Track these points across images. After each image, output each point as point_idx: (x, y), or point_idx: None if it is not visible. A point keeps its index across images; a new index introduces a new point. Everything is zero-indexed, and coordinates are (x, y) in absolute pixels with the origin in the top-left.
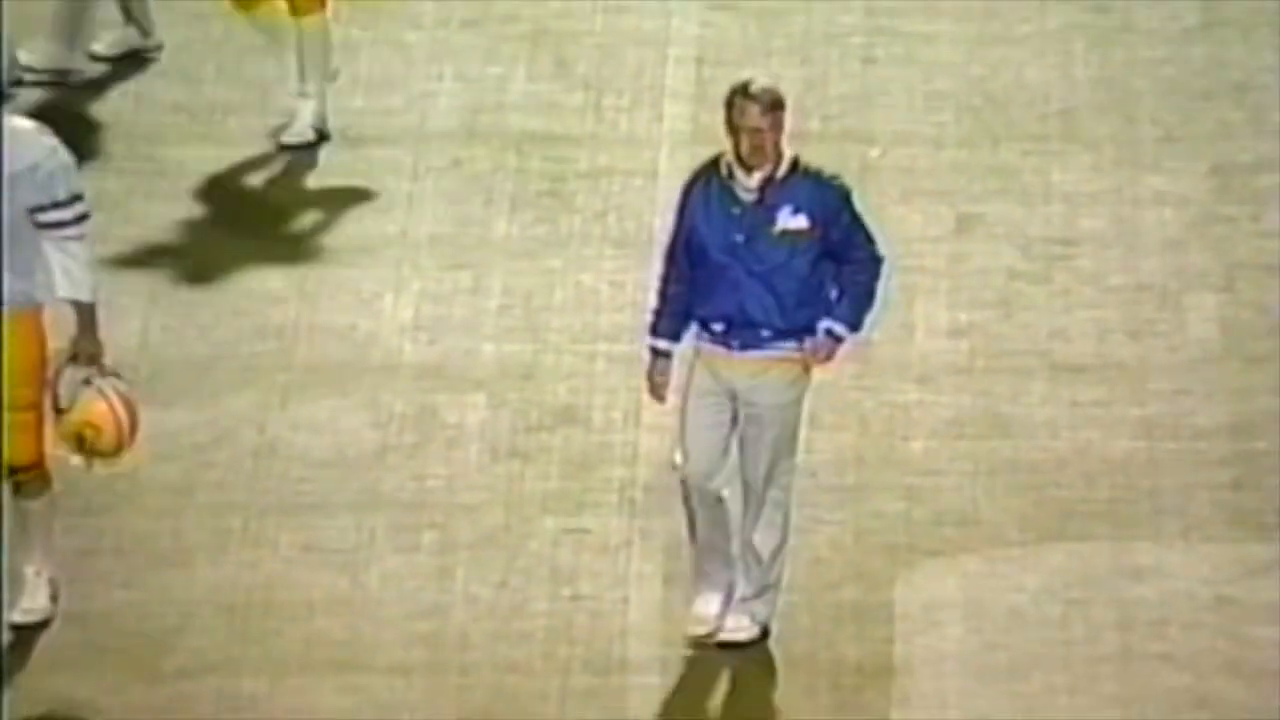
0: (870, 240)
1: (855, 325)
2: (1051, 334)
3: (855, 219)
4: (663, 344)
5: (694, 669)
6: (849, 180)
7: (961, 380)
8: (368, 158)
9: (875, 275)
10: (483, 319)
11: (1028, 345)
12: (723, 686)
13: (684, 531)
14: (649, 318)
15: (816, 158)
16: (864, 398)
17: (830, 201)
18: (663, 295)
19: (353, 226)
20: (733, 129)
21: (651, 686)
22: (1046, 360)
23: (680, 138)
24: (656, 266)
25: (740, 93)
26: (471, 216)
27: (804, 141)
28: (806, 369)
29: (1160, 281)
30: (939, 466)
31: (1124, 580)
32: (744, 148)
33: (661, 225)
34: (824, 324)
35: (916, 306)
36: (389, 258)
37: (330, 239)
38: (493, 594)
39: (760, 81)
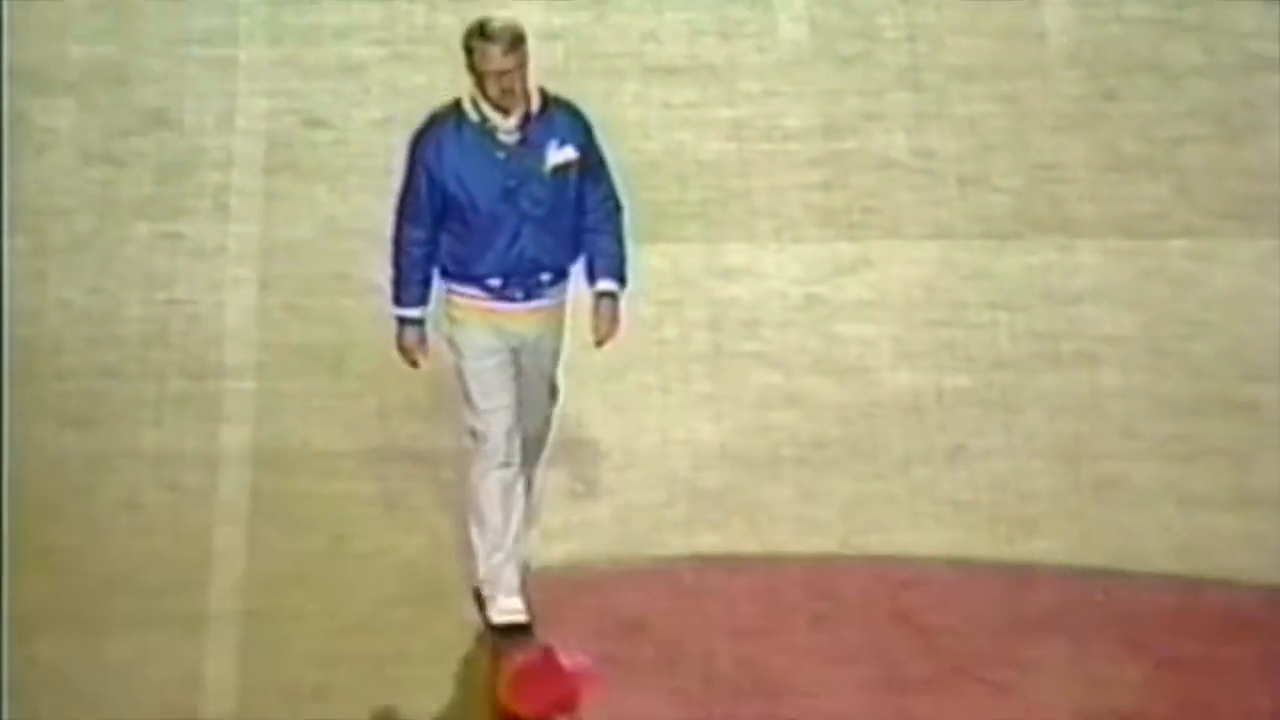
0: (609, 177)
1: (623, 279)
2: (643, 36)
3: (599, 151)
4: (414, 312)
5: (287, 372)
6: None
7: (555, 83)
8: None
9: (620, 219)
10: (71, 20)
11: (620, 47)
12: (319, 386)
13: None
14: (388, 284)
15: None
16: None
17: (585, 128)
18: (406, 261)
19: None
20: (476, 73)
21: (247, 391)
22: (639, 62)
23: None
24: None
25: (478, 35)
26: None
27: None
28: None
29: None
30: None
31: (716, 280)
32: (493, 91)
33: None
34: (596, 286)
35: (509, 9)
36: None
37: None
38: (86, 299)
39: (497, 19)
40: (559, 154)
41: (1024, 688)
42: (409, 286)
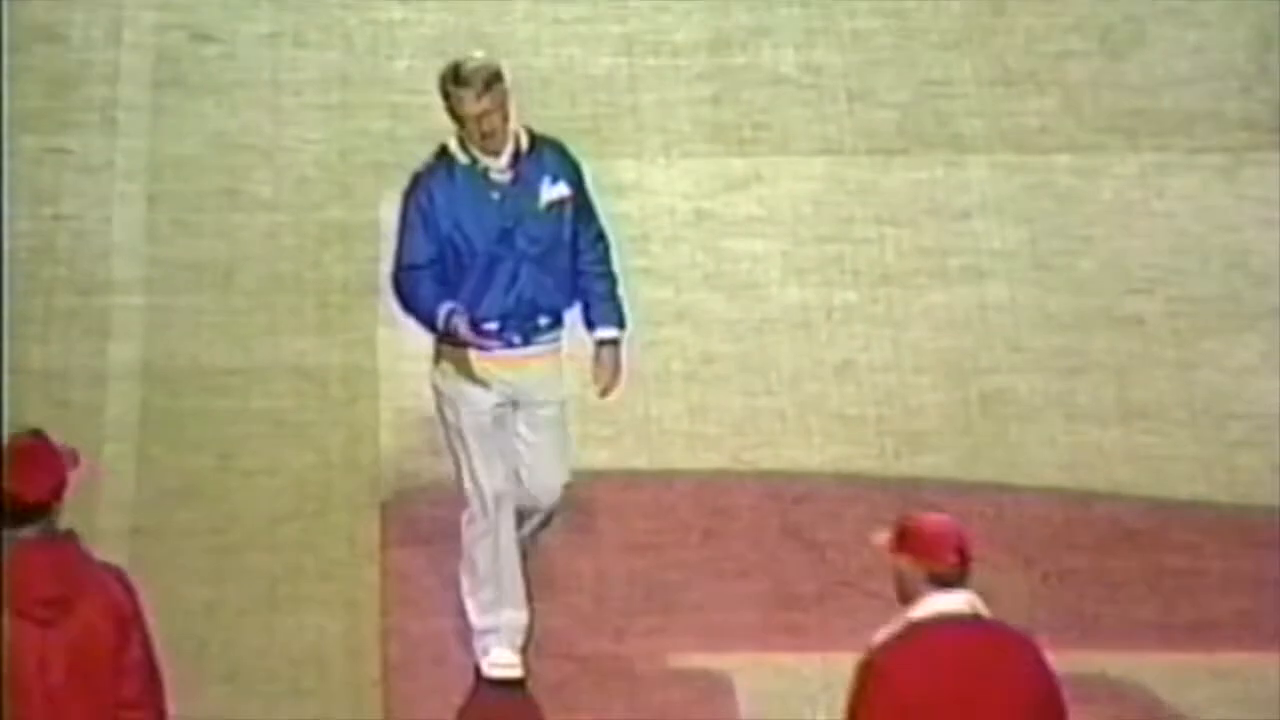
0: (599, 217)
1: (622, 323)
2: None
3: (587, 192)
4: (449, 303)
5: (175, 288)
6: None
7: (445, 3)
8: None
9: (610, 260)
10: None
11: None
12: (208, 302)
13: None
14: (411, 325)
15: None
16: (348, 15)
17: (573, 166)
18: (420, 290)
19: None
20: (456, 118)
21: (135, 307)
22: None
23: None
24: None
25: (451, 80)
26: None
27: None
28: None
29: None
30: (424, 85)
31: (606, 196)
32: (475, 135)
33: None
34: (597, 335)
35: None
36: None
37: None
38: None
39: (470, 60)
40: (552, 190)
41: None
42: (429, 299)
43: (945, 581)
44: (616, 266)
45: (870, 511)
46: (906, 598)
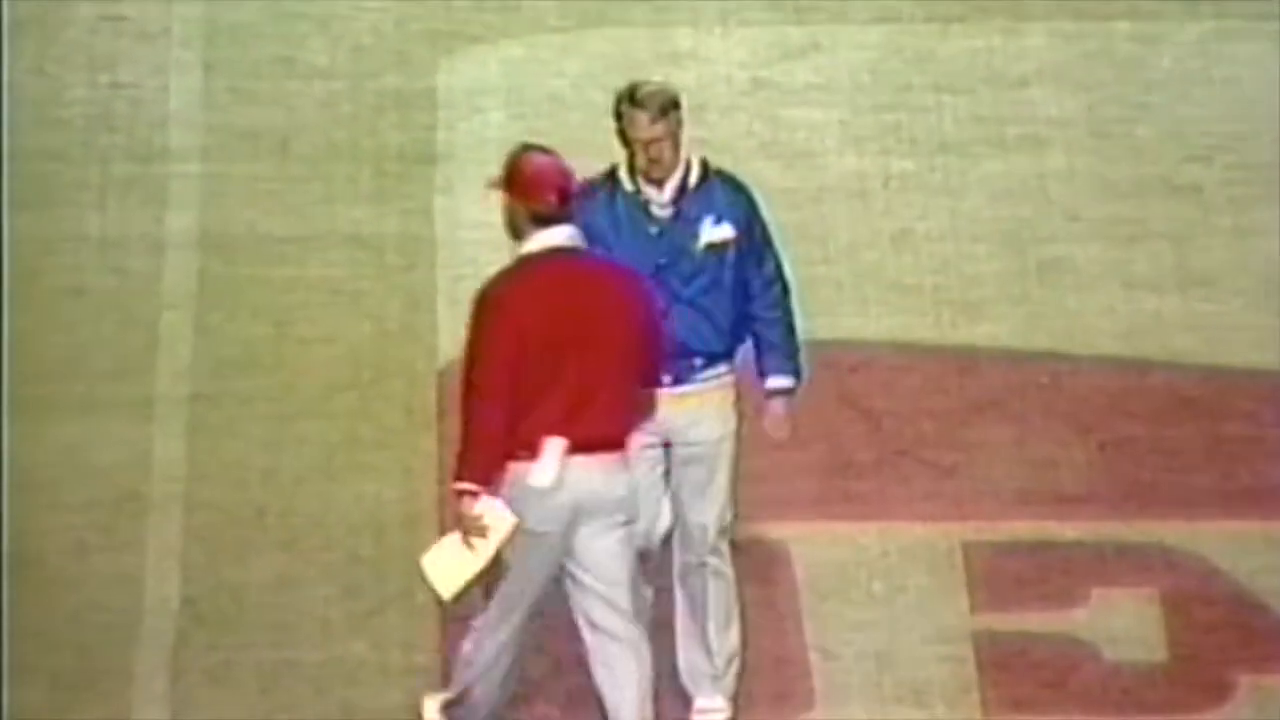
0: (776, 257)
1: (798, 371)
2: None
3: (765, 230)
4: None
5: (232, 156)
6: None
7: None
8: None
9: (788, 303)
10: None
11: None
12: (265, 170)
13: None
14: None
15: None
16: None
17: (747, 205)
18: None
19: None
20: (625, 141)
21: (192, 175)
22: None
23: None
24: None
25: (627, 100)
26: None
27: None
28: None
29: None
30: None
31: (664, 65)
32: (640, 161)
33: None
34: (768, 384)
35: None
36: None
37: None
38: (30, 81)
39: (649, 83)
40: (714, 231)
41: (968, 470)
42: None
43: (546, 219)
44: (794, 309)
45: (927, 381)
46: (516, 235)
